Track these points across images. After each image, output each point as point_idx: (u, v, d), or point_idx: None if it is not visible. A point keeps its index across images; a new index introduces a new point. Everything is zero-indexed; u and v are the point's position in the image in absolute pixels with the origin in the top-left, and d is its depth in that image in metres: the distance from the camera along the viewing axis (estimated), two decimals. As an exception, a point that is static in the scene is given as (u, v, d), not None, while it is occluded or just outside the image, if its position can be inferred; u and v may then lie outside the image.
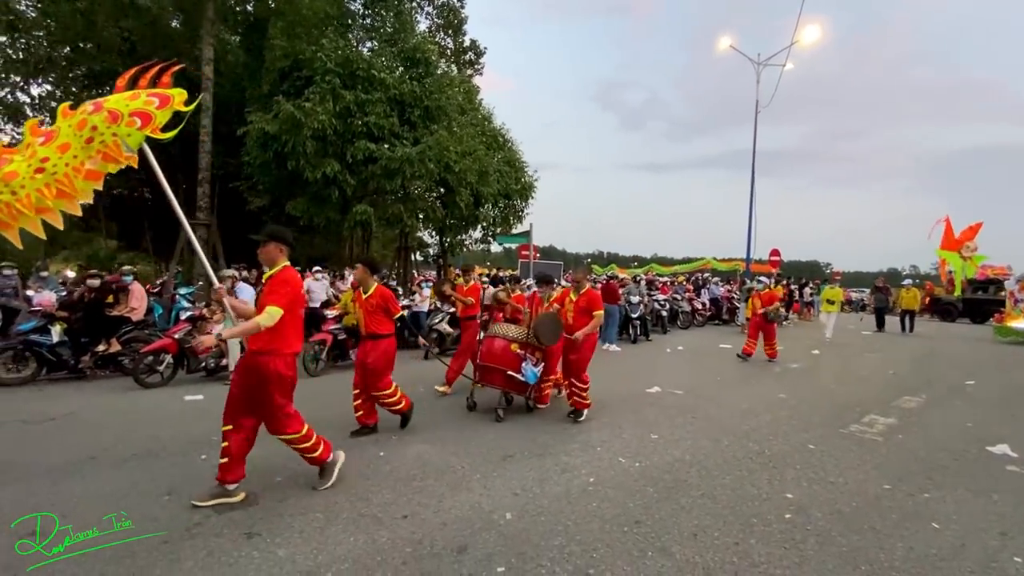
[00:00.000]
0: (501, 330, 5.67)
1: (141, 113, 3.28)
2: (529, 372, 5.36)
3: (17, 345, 6.70)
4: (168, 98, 3.43)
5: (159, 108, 3.35)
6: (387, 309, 4.73)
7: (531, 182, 17.34)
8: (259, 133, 11.43)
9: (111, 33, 14.28)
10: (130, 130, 3.26)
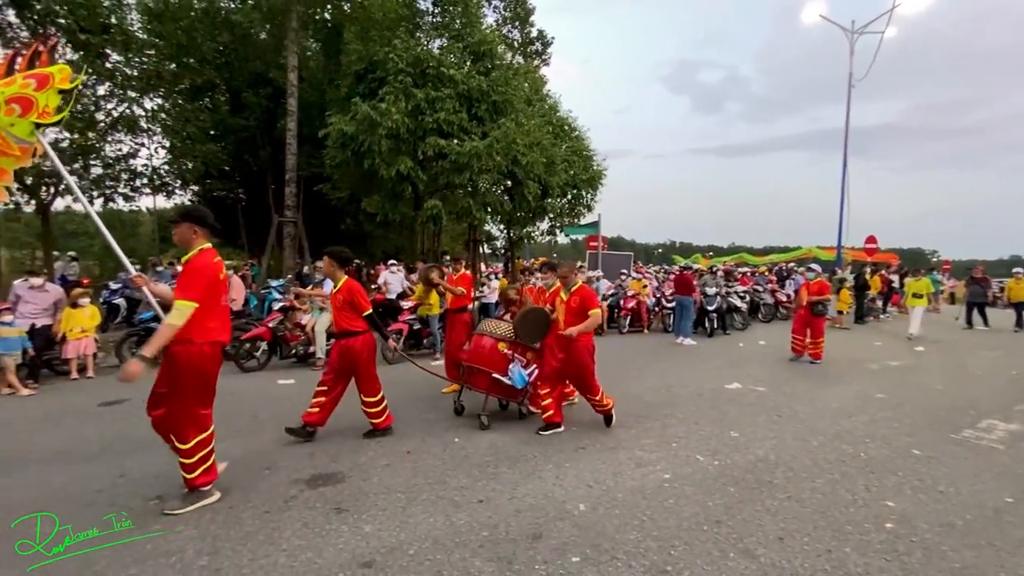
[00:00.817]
0: (489, 327, 5.07)
1: (19, 99, 3.03)
2: (516, 375, 4.71)
3: (141, 331, 7.59)
4: (47, 77, 3.16)
5: (38, 90, 3.09)
6: (354, 304, 4.30)
7: (599, 171, 17.02)
8: (338, 134, 12.05)
9: (209, 48, 15.61)
10: (11, 119, 3.04)
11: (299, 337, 7.52)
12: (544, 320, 4.79)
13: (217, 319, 3.19)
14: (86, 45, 11.79)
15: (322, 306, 7.58)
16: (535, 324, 4.79)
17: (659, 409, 5.59)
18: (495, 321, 5.21)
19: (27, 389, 6.03)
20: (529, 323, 4.81)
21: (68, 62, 12.53)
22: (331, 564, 2.59)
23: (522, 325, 4.82)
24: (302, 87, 14.55)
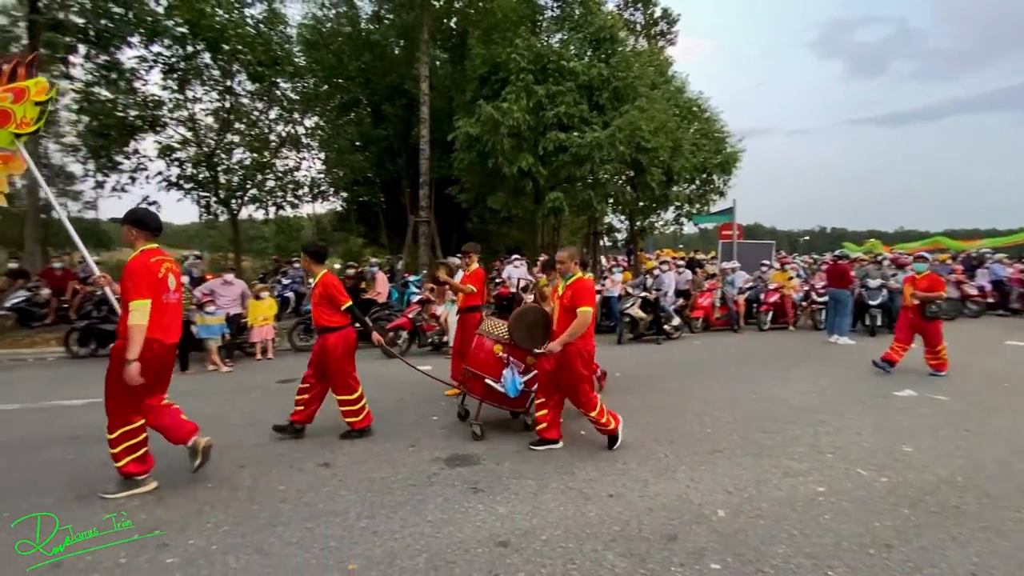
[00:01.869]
0: (489, 327, 4.60)
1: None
2: (509, 382, 4.20)
3: (306, 320, 8.80)
4: (23, 91, 3.48)
5: (16, 103, 3.40)
6: (331, 298, 4.22)
7: (733, 153, 15.73)
8: (464, 137, 12.70)
9: (354, 67, 17.43)
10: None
11: (434, 327, 8.12)
12: (542, 321, 4.23)
13: (157, 316, 3.17)
14: (262, 77, 13.85)
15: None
16: (532, 325, 4.18)
17: (809, 415, 5.03)
18: (496, 321, 4.67)
19: (225, 367, 7.33)
20: (524, 324, 4.23)
21: (248, 92, 14.88)
22: (470, 539, 2.77)
23: (516, 326, 4.25)
24: (432, 95, 15.56)
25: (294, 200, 16.78)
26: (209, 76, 14.17)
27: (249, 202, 15.58)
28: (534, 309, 4.43)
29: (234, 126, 14.81)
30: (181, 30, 12.85)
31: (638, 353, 8.61)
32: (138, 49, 13.09)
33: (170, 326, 3.31)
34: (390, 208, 22.80)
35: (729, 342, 9.91)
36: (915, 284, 6.86)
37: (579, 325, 3.85)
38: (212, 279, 8.33)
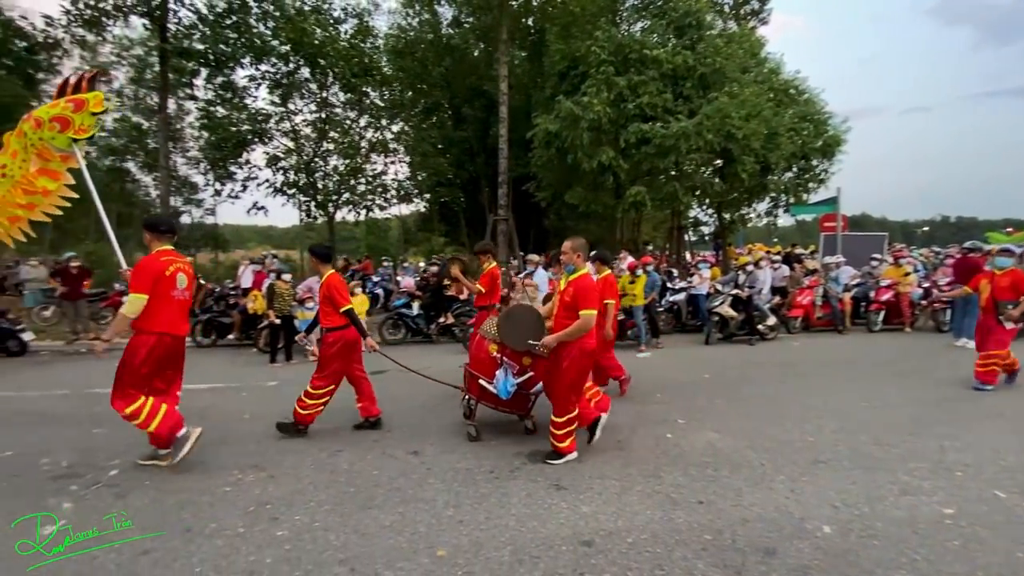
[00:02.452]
0: (487, 327, 4.39)
1: (60, 118, 4.00)
2: (501, 383, 3.96)
3: (394, 315, 9.28)
4: (83, 102, 4.04)
5: (75, 112, 4.00)
6: (332, 299, 4.28)
7: (836, 136, 14.38)
8: (543, 134, 12.69)
9: (437, 72, 18.05)
10: (52, 133, 4.00)
11: (514, 324, 8.20)
12: (532, 320, 3.94)
13: (166, 311, 3.49)
14: (354, 87, 14.76)
15: (532, 296, 8.12)
16: (520, 325, 3.88)
17: (932, 427, 4.48)
18: (495, 320, 4.39)
19: (324, 358, 7.93)
20: (513, 323, 3.96)
21: (341, 103, 15.92)
22: (553, 536, 2.77)
23: (504, 325, 4.00)
24: (511, 94, 15.73)
25: (383, 203, 17.74)
26: (308, 90, 15.38)
27: (343, 205, 16.70)
28: (523, 308, 4.27)
29: (329, 135, 15.94)
30: (285, 48, 14.03)
31: (728, 354, 8.14)
32: (248, 69, 14.50)
33: (177, 320, 3.62)
34: (469, 207, 23.38)
35: (833, 344, 9.08)
36: (993, 282, 5.79)
37: (578, 328, 3.58)
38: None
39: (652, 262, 9.12)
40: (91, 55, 23.74)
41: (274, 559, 2.56)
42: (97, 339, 3.84)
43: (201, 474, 3.58)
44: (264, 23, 14.16)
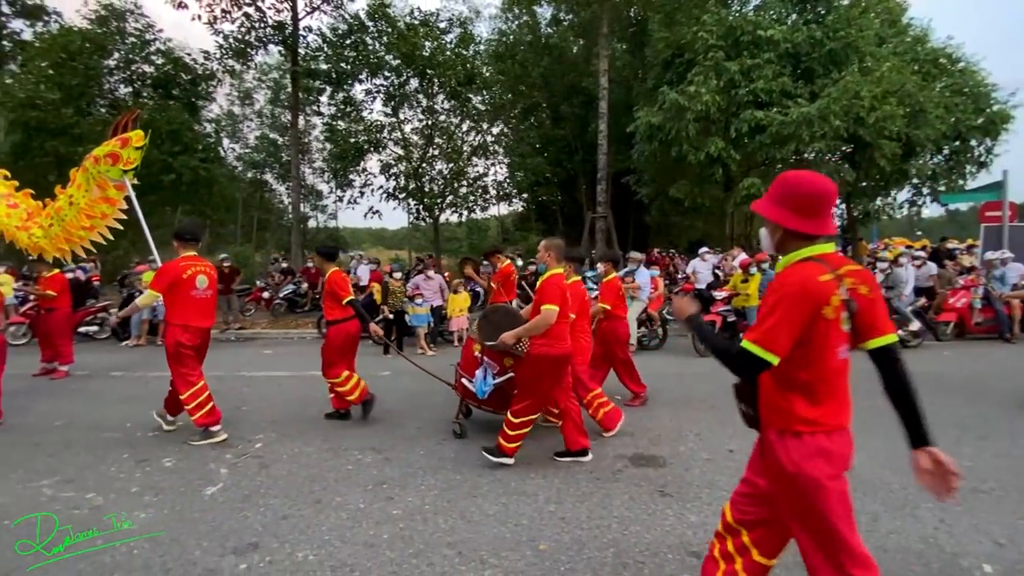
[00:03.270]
0: (475, 326, 4.37)
1: (111, 154, 4.90)
2: (479, 383, 3.93)
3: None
4: (127, 139, 4.93)
5: (122, 148, 4.89)
6: (334, 294, 4.56)
7: (1003, 112, 12.21)
8: (646, 127, 12.26)
9: (536, 73, 18.23)
10: (106, 167, 4.89)
11: (613, 324, 8.04)
12: (508, 320, 3.77)
13: (184, 307, 4.16)
14: (458, 95, 15.42)
15: (633, 295, 7.89)
16: (498, 325, 3.73)
17: None
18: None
19: (431, 351, 8.38)
20: (490, 323, 3.89)
21: (445, 110, 16.71)
22: (659, 543, 2.68)
23: (482, 326, 3.98)
24: (610, 89, 15.41)
25: (483, 204, 18.34)
26: (416, 100, 16.36)
27: (447, 207, 17.54)
28: (500, 308, 4.25)
29: (434, 141, 16.82)
30: (396, 62, 15.06)
31: (862, 362, 7.27)
32: (365, 83, 15.77)
33: (198, 314, 4.24)
34: (566, 205, 23.33)
35: (997, 354, 7.72)
36: None
37: (535, 323, 3.42)
38: (418, 277, 9.56)
39: (768, 259, 8.41)
40: (238, 82, 27.32)
41: (390, 536, 2.77)
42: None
43: (329, 453, 3.97)
44: (379, 40, 15.31)
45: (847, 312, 1.56)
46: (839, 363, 1.61)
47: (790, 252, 1.64)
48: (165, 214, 22.07)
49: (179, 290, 4.15)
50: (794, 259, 1.62)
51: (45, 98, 13.98)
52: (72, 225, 5.14)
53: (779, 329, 1.52)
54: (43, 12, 20.28)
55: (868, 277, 1.62)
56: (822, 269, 1.54)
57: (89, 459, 3.86)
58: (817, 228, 1.58)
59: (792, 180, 1.61)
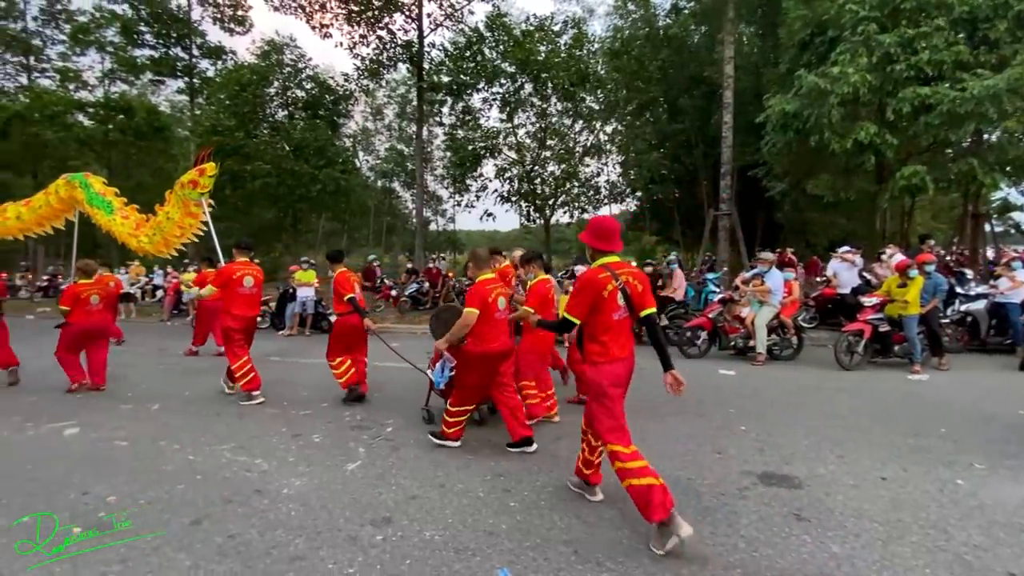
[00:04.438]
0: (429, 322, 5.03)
1: (192, 181, 6.29)
2: (437, 373, 4.33)
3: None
4: (204, 169, 6.28)
5: (200, 176, 6.27)
6: (337, 291, 5.31)
7: None
8: (778, 115, 11.19)
9: (654, 67, 17.57)
10: (188, 191, 6.34)
11: (738, 330, 7.48)
12: (445, 318, 4.32)
13: (233, 300, 5.32)
14: (572, 96, 15.43)
15: (761, 300, 7.27)
16: (446, 323, 4.24)
17: None
18: None
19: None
20: (440, 321, 4.52)
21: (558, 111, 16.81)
22: (794, 571, 2.44)
23: (434, 323, 4.69)
24: (736, 77, 14.32)
25: (595, 204, 18.13)
26: (530, 104, 16.69)
27: (558, 208, 17.63)
28: (451, 308, 4.75)
29: (547, 143, 17.01)
30: (511, 69, 15.50)
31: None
32: (482, 92, 16.46)
33: (243, 306, 5.40)
34: (684, 203, 22.15)
35: None
36: None
37: (457, 326, 3.76)
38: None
39: (933, 260, 7.22)
40: (371, 99, 30.12)
41: (508, 526, 2.86)
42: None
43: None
44: (495, 49, 15.88)
45: (622, 294, 2.78)
46: (616, 322, 2.83)
47: (595, 261, 2.88)
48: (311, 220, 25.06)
49: (230, 287, 5.33)
50: (595, 264, 2.87)
51: (224, 124, 16.66)
52: (169, 234, 6.78)
53: (579, 304, 2.79)
54: (222, 51, 24.14)
55: (641, 276, 2.93)
56: (603, 270, 2.79)
57: (256, 430, 4.52)
58: (609, 248, 2.87)
59: (597, 220, 2.96)
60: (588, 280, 2.77)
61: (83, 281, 5.91)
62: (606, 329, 2.79)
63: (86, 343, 5.96)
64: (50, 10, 27.12)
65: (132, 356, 7.69)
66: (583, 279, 2.81)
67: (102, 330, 6.06)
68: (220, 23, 24.32)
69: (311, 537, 2.76)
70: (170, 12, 22.81)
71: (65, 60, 26.90)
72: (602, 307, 2.76)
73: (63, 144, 20.98)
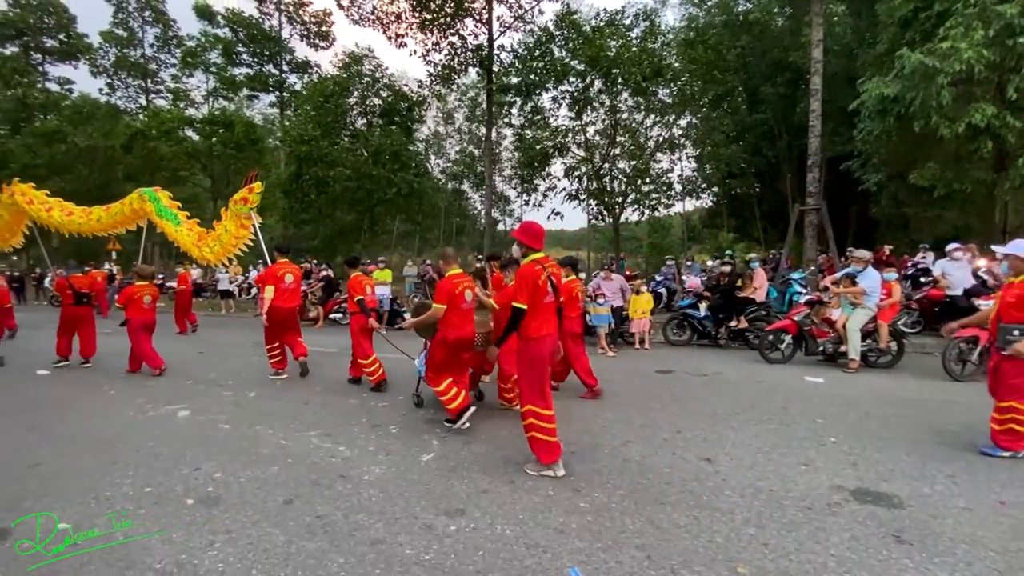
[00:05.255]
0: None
1: (243, 199, 7.65)
2: (419, 361, 4.93)
3: (679, 316, 9.06)
4: (252, 188, 7.66)
5: (249, 194, 7.61)
6: (349, 293, 6.12)
7: None
8: (876, 99, 10.26)
9: (732, 55, 16.70)
10: (240, 207, 7.70)
11: (828, 334, 6.94)
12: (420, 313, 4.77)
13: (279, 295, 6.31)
14: (644, 90, 15.02)
15: (854, 301, 6.70)
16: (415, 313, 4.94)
17: None
18: None
19: (611, 352, 8.34)
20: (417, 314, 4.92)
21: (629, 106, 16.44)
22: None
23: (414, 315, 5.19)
24: (825, 60, 13.26)
25: (667, 201, 17.54)
26: (599, 101, 16.43)
27: (629, 205, 17.23)
28: (425, 304, 5.02)
29: (617, 140, 16.67)
30: (581, 66, 15.35)
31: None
32: (551, 92, 16.43)
33: (283, 299, 6.36)
34: (765, 198, 20.91)
35: None
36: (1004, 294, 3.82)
37: (426, 316, 4.44)
38: (598, 276, 9.59)
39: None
40: (442, 104, 31.04)
41: (579, 526, 2.86)
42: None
43: (519, 439, 4.21)
44: (565, 48, 15.80)
45: (550, 283, 3.48)
46: (545, 305, 3.47)
47: (527, 257, 3.50)
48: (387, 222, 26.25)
49: (276, 284, 6.33)
50: (527, 260, 3.49)
51: (310, 135, 17.86)
52: (227, 244, 8.01)
53: (522, 292, 3.37)
54: (308, 65, 25.91)
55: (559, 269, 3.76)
56: (535, 264, 3.44)
57: (339, 419, 4.82)
58: (538, 246, 3.52)
59: (528, 223, 3.59)
60: (526, 273, 3.40)
61: (139, 283, 6.84)
62: (538, 311, 3.44)
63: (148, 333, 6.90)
64: (164, 37, 30.48)
65: (230, 347, 8.46)
66: (521, 273, 3.44)
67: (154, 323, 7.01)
68: (306, 39, 26.15)
69: (390, 522, 2.91)
70: (264, 32, 24.84)
71: (176, 81, 30.16)
72: (537, 293, 3.41)
73: (175, 157, 23.50)
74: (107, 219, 9.12)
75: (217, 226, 8.16)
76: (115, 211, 9.03)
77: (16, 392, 6.13)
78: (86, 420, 4.93)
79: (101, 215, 9.16)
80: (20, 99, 26.99)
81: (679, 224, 30.73)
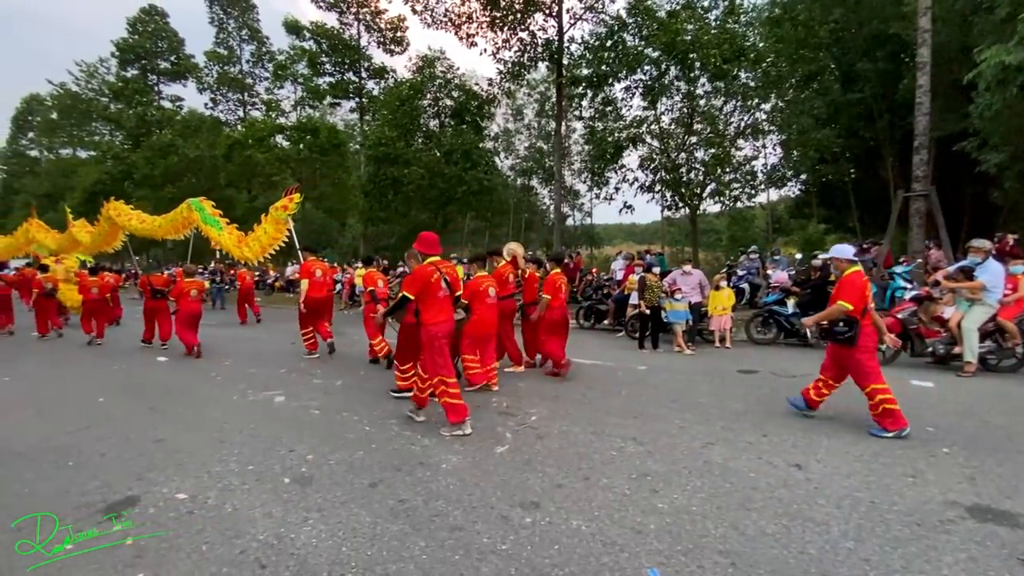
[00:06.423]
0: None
1: (283, 205, 8.23)
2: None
3: (764, 313, 8.53)
4: (292, 197, 8.27)
5: (289, 202, 8.22)
6: (365, 285, 7.25)
7: None
8: (996, 70, 9.06)
9: (824, 31, 15.37)
10: (280, 212, 8.27)
11: (938, 333, 6.24)
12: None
13: (313, 287, 7.53)
14: (725, 73, 14.20)
15: (971, 298, 5.97)
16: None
17: None
18: None
19: (688, 350, 8.02)
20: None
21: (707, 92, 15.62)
22: (1027, 632, 1.98)
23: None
24: (933, 29, 11.84)
25: (750, 191, 16.54)
26: (675, 88, 15.76)
27: (708, 196, 16.43)
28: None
29: (694, 127, 15.91)
30: (656, 54, 14.80)
31: None
32: (623, 82, 15.99)
33: (316, 290, 7.61)
34: (862, 184, 19.12)
35: None
36: None
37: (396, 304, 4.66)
38: (675, 271, 9.23)
39: None
40: (512, 101, 31.24)
41: (657, 527, 2.79)
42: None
43: (593, 436, 4.23)
44: (637, 35, 15.30)
45: (444, 282, 4.41)
46: (440, 299, 4.40)
47: (424, 260, 4.44)
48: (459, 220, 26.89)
49: (308, 277, 7.56)
50: (425, 263, 4.42)
51: (387, 137, 18.67)
52: (264, 244, 8.65)
53: (412, 286, 4.35)
54: (385, 71, 27.03)
55: (453, 270, 4.74)
56: (430, 266, 4.39)
57: (417, 409, 5.03)
58: (433, 252, 4.50)
59: (424, 235, 4.60)
60: (420, 272, 4.33)
61: (187, 280, 8.38)
62: (434, 303, 4.36)
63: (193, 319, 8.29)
64: (258, 53, 33.14)
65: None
66: (416, 272, 4.38)
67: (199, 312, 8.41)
68: (383, 46, 27.30)
69: (467, 511, 2.99)
70: (344, 41, 26.24)
71: (269, 93, 32.71)
72: (431, 289, 4.33)
73: (268, 163, 25.50)
74: (166, 225, 10.53)
75: (256, 228, 9.01)
76: (171, 218, 10.44)
77: (143, 377, 6.97)
78: (197, 403, 5.50)
79: (162, 223, 10.70)
80: (140, 116, 30.58)
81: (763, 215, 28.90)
